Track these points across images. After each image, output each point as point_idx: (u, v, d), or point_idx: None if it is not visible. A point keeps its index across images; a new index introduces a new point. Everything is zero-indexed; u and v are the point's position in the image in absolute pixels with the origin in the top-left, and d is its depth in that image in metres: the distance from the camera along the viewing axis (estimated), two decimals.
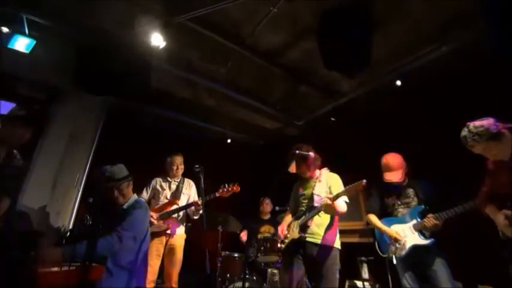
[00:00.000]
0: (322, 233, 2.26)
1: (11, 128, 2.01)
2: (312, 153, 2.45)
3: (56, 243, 1.99)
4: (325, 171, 2.48)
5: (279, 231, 2.48)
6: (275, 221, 3.88)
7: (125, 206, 2.11)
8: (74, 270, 1.58)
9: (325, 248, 2.22)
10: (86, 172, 3.40)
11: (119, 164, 2.16)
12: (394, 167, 2.50)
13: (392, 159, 2.54)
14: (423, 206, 2.36)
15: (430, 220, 2.21)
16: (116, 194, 2.09)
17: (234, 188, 3.16)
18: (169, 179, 3.27)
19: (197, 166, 2.62)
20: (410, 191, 2.48)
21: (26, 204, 2.78)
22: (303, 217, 2.30)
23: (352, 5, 2.46)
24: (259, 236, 3.65)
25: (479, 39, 2.59)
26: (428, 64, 2.98)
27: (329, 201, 2.13)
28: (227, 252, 3.40)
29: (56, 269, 1.57)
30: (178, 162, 3.27)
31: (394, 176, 2.47)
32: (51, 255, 1.66)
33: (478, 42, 2.63)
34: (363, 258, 3.31)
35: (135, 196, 2.22)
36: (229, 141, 5.03)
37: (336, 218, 2.40)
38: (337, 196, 2.16)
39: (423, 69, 3.06)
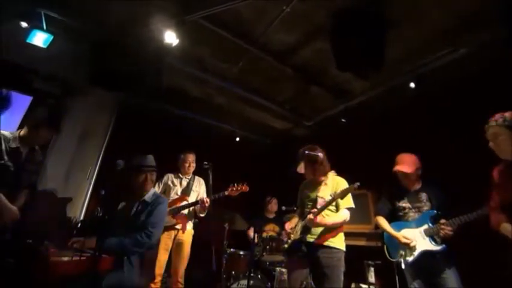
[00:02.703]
0: (326, 235, 2.24)
1: (35, 130, 2.10)
2: (321, 155, 2.43)
3: (67, 233, 2.05)
4: (331, 175, 2.45)
5: (286, 227, 2.48)
6: (280, 220, 3.87)
7: (147, 199, 2.15)
8: (84, 260, 1.62)
9: (329, 250, 2.20)
10: (97, 166, 3.48)
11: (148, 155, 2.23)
12: (404, 161, 2.48)
13: (405, 155, 2.53)
14: (435, 211, 2.31)
15: (445, 229, 2.14)
16: (148, 180, 2.16)
17: (243, 188, 3.19)
18: (180, 175, 3.32)
19: (206, 163, 2.64)
20: (423, 196, 2.42)
21: (40, 195, 2.86)
22: (306, 218, 2.29)
23: (366, 4, 2.43)
24: (265, 234, 3.65)
25: (497, 42, 2.52)
26: (444, 66, 2.92)
27: (311, 216, 2.15)
28: (233, 250, 3.42)
29: (66, 258, 1.62)
30: (191, 160, 3.31)
31: (404, 168, 2.44)
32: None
33: (496, 45, 2.57)
34: (370, 261, 3.27)
35: (153, 189, 2.27)
36: (238, 139, 5.05)
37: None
38: (320, 211, 2.17)
39: (438, 71, 3.00)
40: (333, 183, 2.37)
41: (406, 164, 2.46)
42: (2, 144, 1.95)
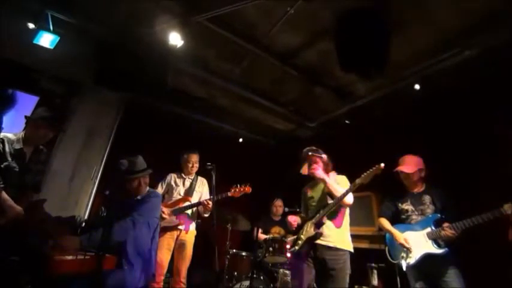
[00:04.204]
0: (334, 236, 2.25)
1: (35, 129, 2.12)
2: (324, 156, 2.44)
3: (71, 233, 2.07)
4: (333, 174, 2.46)
5: (289, 218, 2.47)
6: (285, 223, 3.86)
7: (139, 197, 2.17)
8: (88, 259, 1.63)
9: (336, 251, 2.21)
10: (102, 165, 3.50)
11: (139, 156, 2.23)
12: (407, 162, 2.47)
13: (408, 156, 2.52)
14: (439, 215, 2.29)
15: (447, 231, 2.13)
16: (142, 184, 2.16)
17: (246, 189, 3.19)
18: (183, 175, 3.32)
19: (209, 164, 2.64)
20: (427, 198, 2.40)
21: (45, 195, 2.89)
22: (317, 215, 2.29)
23: (371, 5, 2.42)
24: (268, 236, 3.64)
25: (504, 44, 2.50)
26: (449, 68, 2.89)
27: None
28: (235, 251, 3.42)
29: (70, 257, 1.63)
30: (194, 160, 3.30)
31: (405, 168, 2.43)
32: (69, 242, 1.73)
33: (503, 47, 2.54)
34: (373, 264, 3.25)
35: (148, 187, 2.29)
36: (240, 140, 5.05)
37: (347, 221, 2.38)
38: (355, 185, 2.15)
39: (444, 73, 2.97)
40: (336, 180, 2.40)
41: (408, 165, 2.46)
42: (6, 146, 1.98)
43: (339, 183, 2.36)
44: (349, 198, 2.25)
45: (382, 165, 2.03)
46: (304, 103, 4.14)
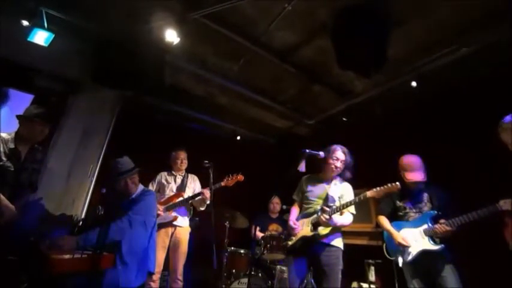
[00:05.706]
0: (327, 233, 2.25)
1: (30, 127, 2.10)
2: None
3: (69, 231, 2.06)
4: (338, 179, 2.46)
5: (291, 223, 2.46)
6: (283, 220, 3.87)
7: (133, 196, 2.17)
8: (86, 258, 1.63)
9: (329, 248, 2.23)
10: (99, 164, 3.48)
11: (125, 156, 2.23)
12: (416, 167, 2.45)
13: (414, 159, 2.49)
14: (436, 212, 2.30)
15: (442, 227, 2.15)
16: (129, 184, 2.16)
17: (238, 177, 3.20)
18: (174, 173, 3.34)
19: (207, 162, 2.64)
20: (425, 196, 2.42)
21: (41, 194, 2.87)
22: (315, 216, 2.29)
23: (369, 2, 2.41)
24: (266, 233, 3.65)
25: (501, 42, 2.50)
26: (446, 65, 2.89)
27: (327, 217, 2.16)
28: (233, 248, 3.43)
29: (68, 256, 1.63)
30: (182, 157, 3.34)
31: (416, 176, 2.41)
32: (66, 242, 1.73)
33: (500, 45, 2.55)
34: (370, 260, 3.28)
35: (142, 186, 2.29)
36: (238, 138, 5.04)
37: None
38: (336, 210, 2.19)
39: (441, 70, 2.98)
40: (341, 186, 2.41)
41: (417, 172, 2.41)
42: (0, 146, 1.96)
43: (344, 188, 2.38)
44: (347, 220, 2.28)
45: (398, 184, 2.06)
46: (303, 101, 4.14)
